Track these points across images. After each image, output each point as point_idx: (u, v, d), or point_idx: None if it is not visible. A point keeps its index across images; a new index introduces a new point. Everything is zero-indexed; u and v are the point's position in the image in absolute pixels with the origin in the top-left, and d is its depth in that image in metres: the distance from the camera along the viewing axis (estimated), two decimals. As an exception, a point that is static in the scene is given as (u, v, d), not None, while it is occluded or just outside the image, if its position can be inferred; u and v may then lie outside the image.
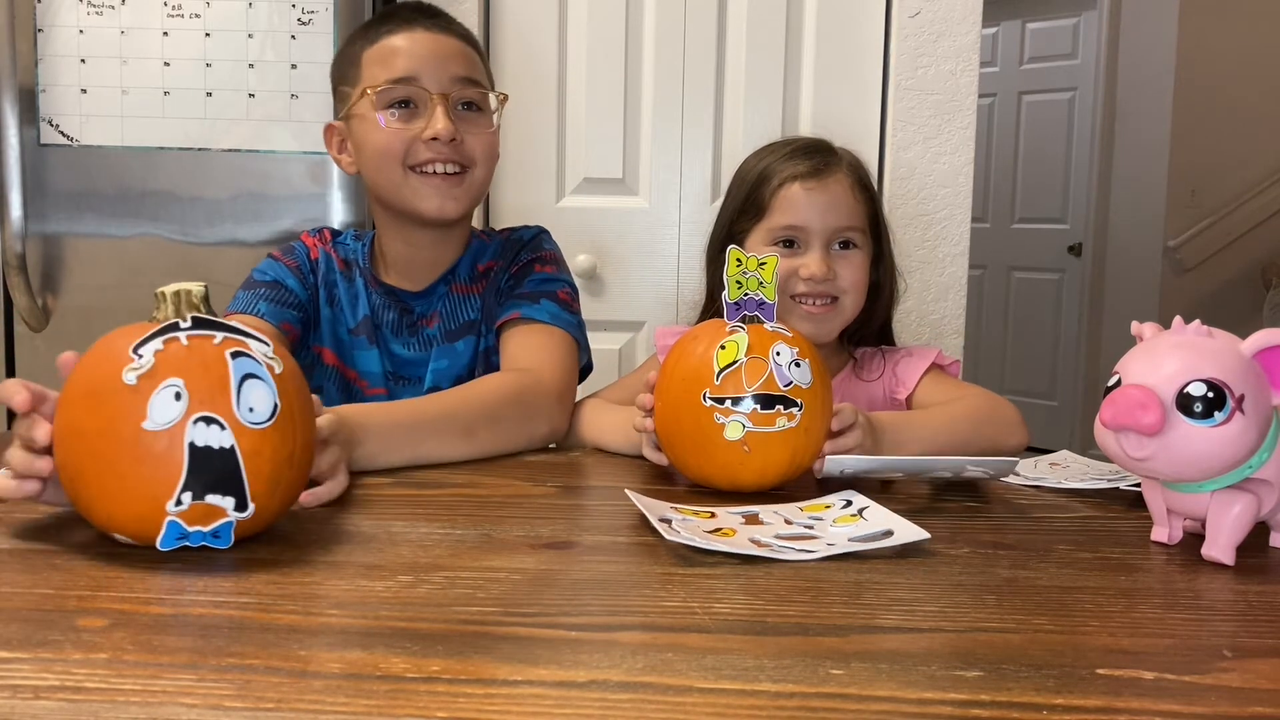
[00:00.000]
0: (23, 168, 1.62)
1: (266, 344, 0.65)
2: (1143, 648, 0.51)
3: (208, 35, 1.65)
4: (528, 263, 1.16)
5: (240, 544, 0.63)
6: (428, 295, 1.16)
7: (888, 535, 0.68)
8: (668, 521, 0.68)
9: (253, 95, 1.66)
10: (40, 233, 1.67)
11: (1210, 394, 0.61)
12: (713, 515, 0.74)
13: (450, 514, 0.75)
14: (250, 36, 1.65)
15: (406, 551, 0.64)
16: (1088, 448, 0.96)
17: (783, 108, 1.96)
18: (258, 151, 1.67)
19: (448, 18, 1.13)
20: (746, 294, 0.84)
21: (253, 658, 0.47)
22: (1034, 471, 0.94)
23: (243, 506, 0.61)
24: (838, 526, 0.72)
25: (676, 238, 1.99)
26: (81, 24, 1.64)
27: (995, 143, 4.37)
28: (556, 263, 1.19)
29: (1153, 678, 0.47)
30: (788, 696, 0.44)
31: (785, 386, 0.80)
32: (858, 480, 0.85)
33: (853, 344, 1.22)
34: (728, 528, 0.70)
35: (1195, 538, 0.69)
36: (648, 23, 1.96)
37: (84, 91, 1.66)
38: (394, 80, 1.06)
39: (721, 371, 0.80)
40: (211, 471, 0.60)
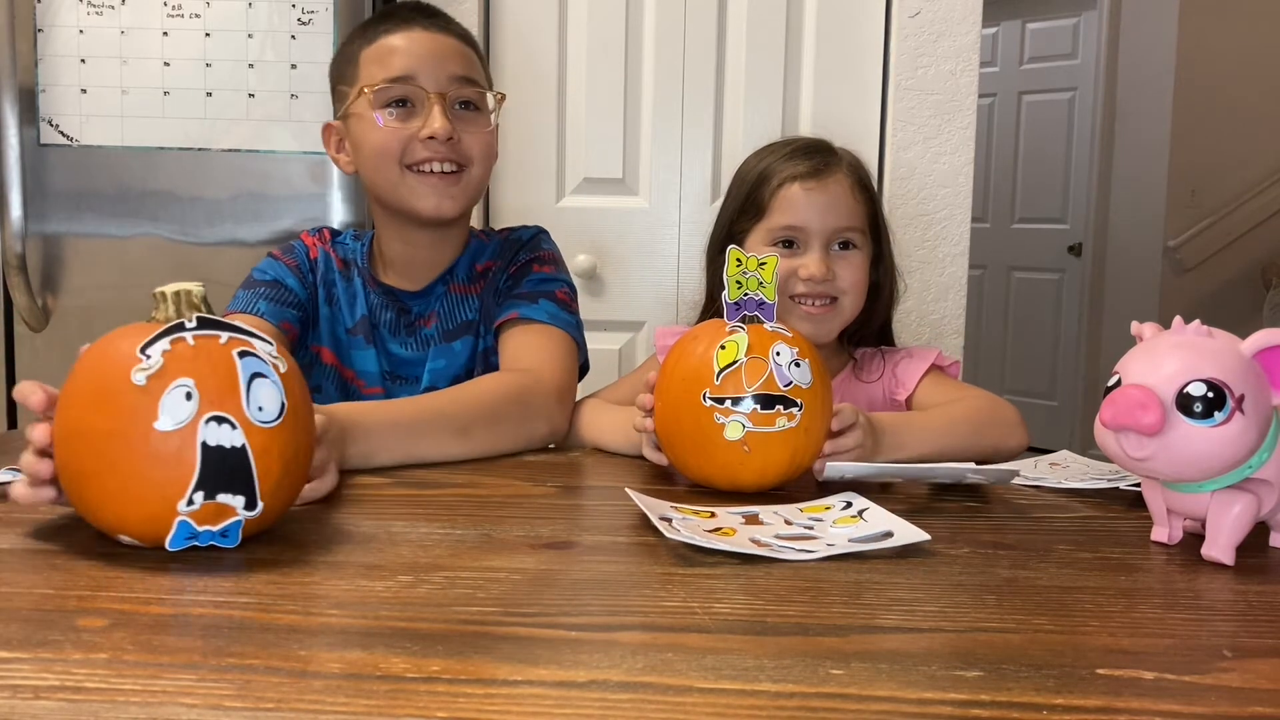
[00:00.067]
0: (23, 168, 1.62)
1: (269, 343, 0.65)
2: (1143, 648, 0.51)
3: (208, 35, 1.65)
4: (526, 263, 1.16)
5: (241, 544, 0.63)
6: (425, 295, 1.16)
7: (888, 536, 0.68)
8: (668, 520, 0.68)
9: (253, 95, 1.66)
10: (40, 233, 1.67)
11: (1210, 394, 0.61)
12: (713, 515, 0.74)
13: (450, 514, 0.75)
14: (250, 36, 1.66)
15: (406, 551, 0.64)
16: (1088, 448, 0.96)
17: (783, 108, 1.95)
18: (258, 151, 1.67)
19: (446, 17, 1.13)
20: (746, 294, 0.84)
21: (253, 658, 0.47)
22: (1034, 471, 0.94)
23: (252, 505, 0.61)
24: (838, 527, 0.72)
25: (676, 238, 1.99)
26: (81, 24, 1.65)
27: (995, 143, 4.37)
28: (555, 263, 1.19)
29: (1153, 678, 0.47)
30: (788, 696, 0.44)
31: (785, 386, 0.80)
32: (857, 481, 0.85)
33: (852, 344, 1.22)
34: (728, 528, 0.70)
35: (1195, 538, 0.69)
36: (648, 23, 1.96)
37: (84, 91, 1.66)
38: (391, 79, 1.06)
39: (721, 371, 0.80)
40: (224, 471, 0.60)
